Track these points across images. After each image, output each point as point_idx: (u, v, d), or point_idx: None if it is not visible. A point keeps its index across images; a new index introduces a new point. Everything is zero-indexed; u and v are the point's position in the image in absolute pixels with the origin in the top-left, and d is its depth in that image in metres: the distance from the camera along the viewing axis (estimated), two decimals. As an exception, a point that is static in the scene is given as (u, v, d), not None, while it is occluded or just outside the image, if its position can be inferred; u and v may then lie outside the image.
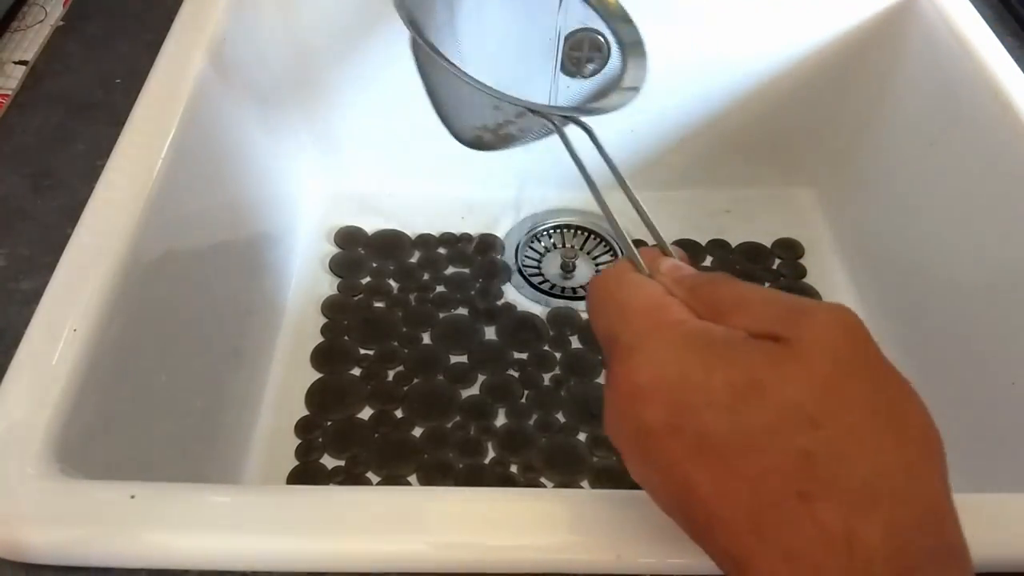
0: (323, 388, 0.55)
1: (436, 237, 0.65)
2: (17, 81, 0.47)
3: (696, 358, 0.23)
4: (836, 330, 0.22)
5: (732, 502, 0.22)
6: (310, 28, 0.58)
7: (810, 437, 0.21)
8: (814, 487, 0.21)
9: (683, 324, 0.24)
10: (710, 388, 0.22)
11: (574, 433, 0.54)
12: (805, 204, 0.69)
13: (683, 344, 0.23)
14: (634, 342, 0.24)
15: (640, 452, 0.24)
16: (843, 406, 0.21)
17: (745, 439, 0.21)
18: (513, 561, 0.29)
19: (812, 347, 0.22)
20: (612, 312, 0.26)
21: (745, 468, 0.21)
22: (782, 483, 0.21)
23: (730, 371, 0.22)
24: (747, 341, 0.23)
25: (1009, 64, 0.49)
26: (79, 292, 0.35)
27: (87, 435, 0.33)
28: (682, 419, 0.22)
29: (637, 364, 0.24)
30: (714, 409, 0.22)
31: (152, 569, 0.29)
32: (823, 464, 0.21)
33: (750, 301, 0.24)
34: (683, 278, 0.27)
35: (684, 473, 0.22)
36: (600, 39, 0.54)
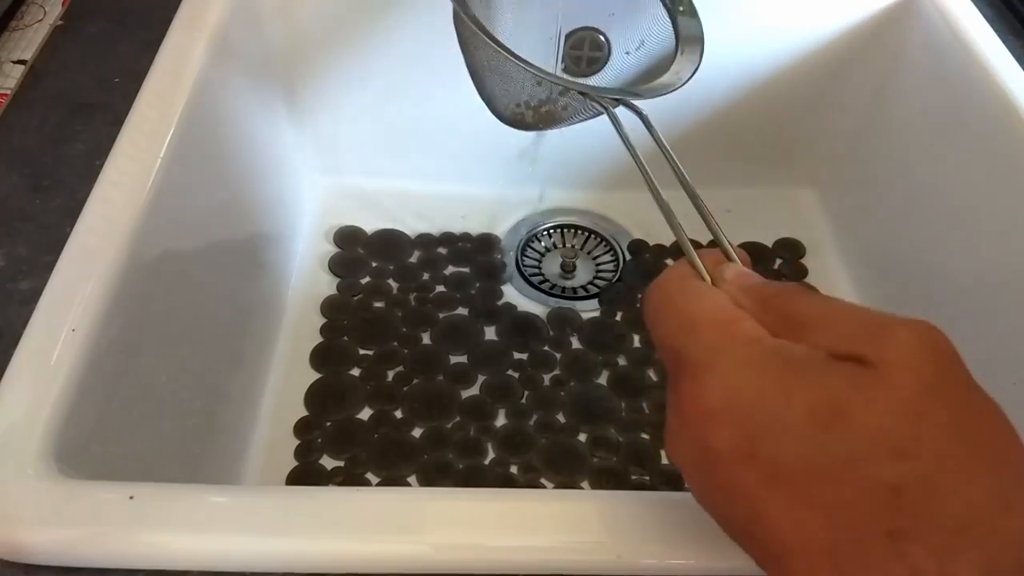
0: (323, 388, 0.55)
1: (436, 237, 0.65)
2: (16, 81, 0.47)
3: (773, 380, 0.21)
4: (922, 350, 0.21)
5: (809, 536, 0.20)
6: (309, 28, 0.58)
7: (898, 468, 0.19)
8: (903, 524, 0.19)
9: (758, 342, 0.23)
10: (788, 413, 0.21)
11: (574, 433, 0.54)
12: (806, 204, 0.69)
13: (759, 364, 0.22)
14: (703, 359, 0.23)
15: (706, 478, 0.23)
16: (932, 434, 0.20)
17: (826, 469, 0.20)
18: (513, 561, 0.29)
19: (896, 369, 0.20)
20: (674, 323, 0.24)
21: (826, 499, 0.20)
22: (868, 518, 0.20)
23: (810, 395, 0.21)
24: (828, 362, 0.21)
25: (1009, 64, 0.49)
26: (78, 292, 0.35)
27: (86, 435, 0.33)
28: (756, 446, 0.21)
29: (708, 384, 0.22)
30: (792, 436, 0.21)
31: (152, 570, 0.29)
32: (913, 499, 0.19)
33: (828, 317, 0.23)
34: (751, 287, 0.25)
35: (755, 503, 0.21)
36: (600, 38, 0.54)
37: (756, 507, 0.21)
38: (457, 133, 0.65)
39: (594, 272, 0.64)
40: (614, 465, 0.52)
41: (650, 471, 0.52)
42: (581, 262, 0.65)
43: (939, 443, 0.20)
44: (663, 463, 0.52)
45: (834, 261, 0.64)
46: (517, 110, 0.42)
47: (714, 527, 0.29)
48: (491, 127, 0.67)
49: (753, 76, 0.62)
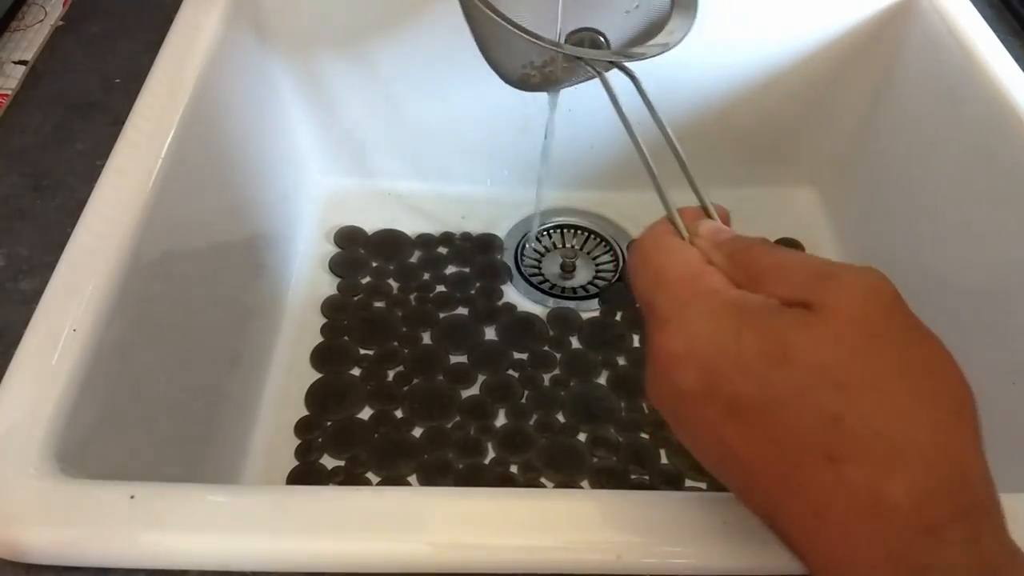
0: (323, 388, 0.55)
1: (436, 237, 0.65)
2: (17, 81, 0.47)
3: (729, 327, 0.24)
4: (862, 293, 0.23)
5: (765, 462, 0.23)
6: (310, 28, 0.58)
7: (837, 400, 0.21)
8: (842, 448, 0.21)
9: (718, 294, 0.25)
10: (740, 354, 0.23)
11: (574, 433, 0.54)
12: (805, 204, 0.69)
13: (718, 314, 0.24)
14: (670, 311, 0.25)
15: (679, 416, 0.25)
16: (870, 369, 0.22)
17: (774, 403, 0.22)
18: (513, 561, 0.29)
19: (839, 311, 0.22)
20: (649, 278, 0.27)
21: (775, 430, 0.22)
22: (811, 444, 0.22)
23: (760, 338, 0.23)
24: (779, 309, 0.24)
25: (1009, 64, 0.49)
26: (79, 292, 0.35)
27: (87, 435, 0.33)
28: (714, 385, 0.23)
29: (672, 333, 0.25)
30: (744, 374, 0.23)
31: (152, 569, 0.29)
32: (851, 426, 0.21)
33: (784, 267, 0.25)
34: (722, 243, 0.27)
35: (720, 435, 0.24)
36: (600, 39, 0.54)
37: (722, 439, 0.24)
38: (457, 133, 0.65)
39: (594, 272, 0.64)
40: (614, 465, 0.52)
41: (650, 471, 0.52)
42: (581, 262, 0.65)
43: (877, 377, 0.22)
44: (663, 463, 0.53)
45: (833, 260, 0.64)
46: (524, 71, 0.43)
47: (713, 527, 0.29)
48: (491, 127, 0.67)
49: (753, 76, 0.62)
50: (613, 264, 0.64)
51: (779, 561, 0.29)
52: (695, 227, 0.29)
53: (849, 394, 0.21)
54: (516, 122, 0.64)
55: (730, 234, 0.28)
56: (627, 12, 0.47)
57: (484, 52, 0.44)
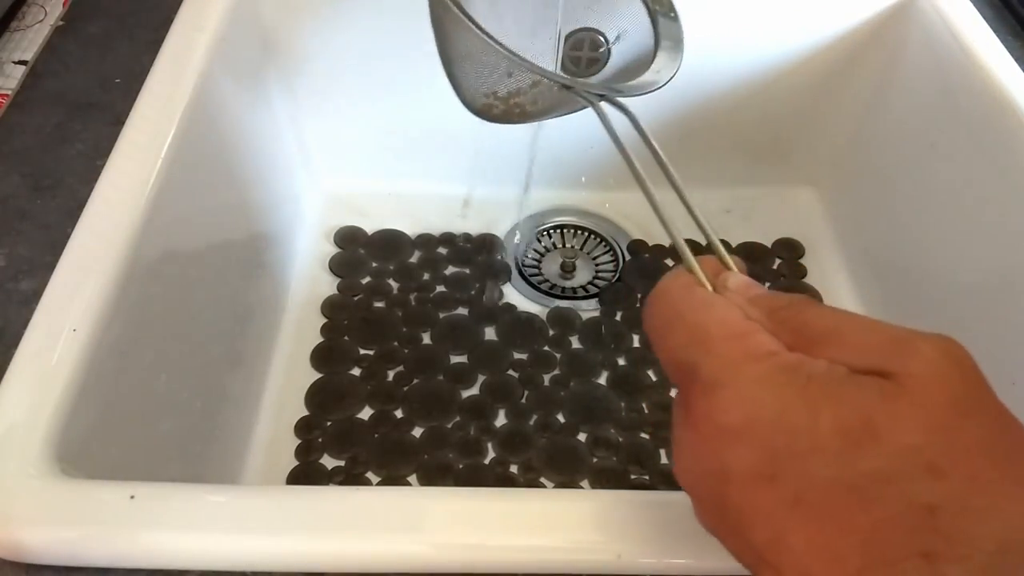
0: (323, 388, 0.55)
1: (436, 237, 0.65)
2: (17, 81, 0.47)
3: (795, 396, 0.20)
4: (948, 364, 0.20)
5: (836, 559, 0.19)
6: (310, 28, 0.58)
7: (932, 487, 0.18)
8: (940, 545, 0.18)
9: (776, 356, 0.21)
10: (816, 431, 0.20)
11: (574, 433, 0.54)
12: (805, 204, 0.69)
13: (779, 379, 0.21)
14: (719, 375, 0.21)
15: (719, 500, 0.21)
16: (965, 451, 0.19)
17: (856, 488, 0.19)
18: (513, 561, 0.29)
19: (925, 384, 0.19)
20: (684, 336, 0.23)
21: (856, 521, 0.19)
22: (902, 540, 0.18)
23: (838, 411, 0.20)
24: (851, 377, 0.20)
25: (1009, 64, 0.49)
26: (79, 292, 0.35)
27: (87, 435, 0.33)
28: (780, 466, 0.20)
29: (725, 401, 0.21)
30: (820, 454, 0.19)
31: (152, 569, 0.29)
32: (949, 519, 0.18)
33: (844, 330, 0.22)
34: (757, 298, 0.24)
35: (775, 527, 0.20)
36: (600, 39, 0.54)
37: (776, 532, 0.20)
38: (458, 134, 0.65)
39: (594, 272, 0.64)
40: (614, 465, 0.52)
41: (650, 471, 0.52)
42: (581, 262, 0.65)
43: (972, 460, 0.19)
44: (663, 463, 0.53)
45: (833, 261, 0.64)
46: (486, 100, 0.40)
47: (713, 527, 0.29)
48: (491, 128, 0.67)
49: (753, 76, 0.62)
50: (613, 264, 0.64)
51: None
52: (722, 280, 0.25)
53: (945, 481, 0.18)
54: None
55: (764, 290, 0.24)
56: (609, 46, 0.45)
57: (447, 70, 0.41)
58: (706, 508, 0.22)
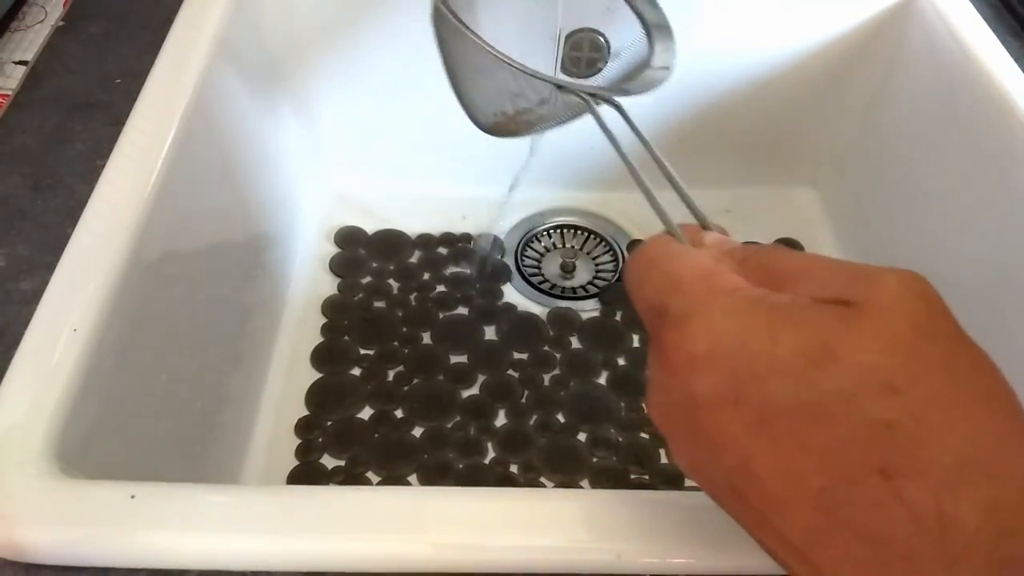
0: (323, 388, 0.55)
1: (436, 237, 0.65)
2: (17, 81, 0.47)
3: (759, 323, 0.21)
4: (910, 293, 0.20)
5: (798, 480, 0.19)
6: (310, 28, 0.58)
7: (891, 405, 0.19)
8: (898, 461, 0.18)
9: (741, 289, 0.22)
10: (775, 354, 0.20)
11: (574, 433, 0.54)
12: (805, 204, 0.69)
13: (744, 309, 0.21)
14: (688, 309, 0.22)
15: (690, 430, 0.22)
16: (924, 371, 0.19)
17: (816, 408, 0.19)
18: (513, 561, 0.29)
19: (885, 310, 0.20)
20: (658, 281, 0.24)
21: (816, 440, 0.19)
22: (860, 457, 0.19)
23: (798, 335, 0.20)
24: (814, 305, 0.21)
25: (1009, 64, 0.49)
26: (79, 292, 0.35)
27: (87, 435, 0.33)
28: (743, 389, 0.20)
29: (692, 331, 0.22)
30: (781, 376, 0.20)
31: (152, 569, 0.29)
32: (907, 435, 0.18)
33: (811, 268, 0.22)
34: (731, 250, 0.25)
35: (741, 450, 0.20)
36: (600, 39, 0.54)
37: (742, 455, 0.20)
38: (458, 133, 0.65)
39: (594, 272, 0.64)
40: (614, 465, 0.52)
41: (650, 471, 0.52)
42: (581, 262, 0.65)
43: (931, 380, 0.19)
44: (663, 463, 0.53)
45: (834, 261, 0.64)
46: (496, 119, 0.41)
47: (714, 527, 0.29)
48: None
49: (753, 76, 0.62)
50: (613, 264, 0.64)
51: (779, 561, 0.29)
52: (699, 238, 0.26)
53: (903, 399, 0.19)
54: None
55: (737, 243, 0.26)
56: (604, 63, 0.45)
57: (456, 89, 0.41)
58: (680, 442, 0.23)
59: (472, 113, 0.41)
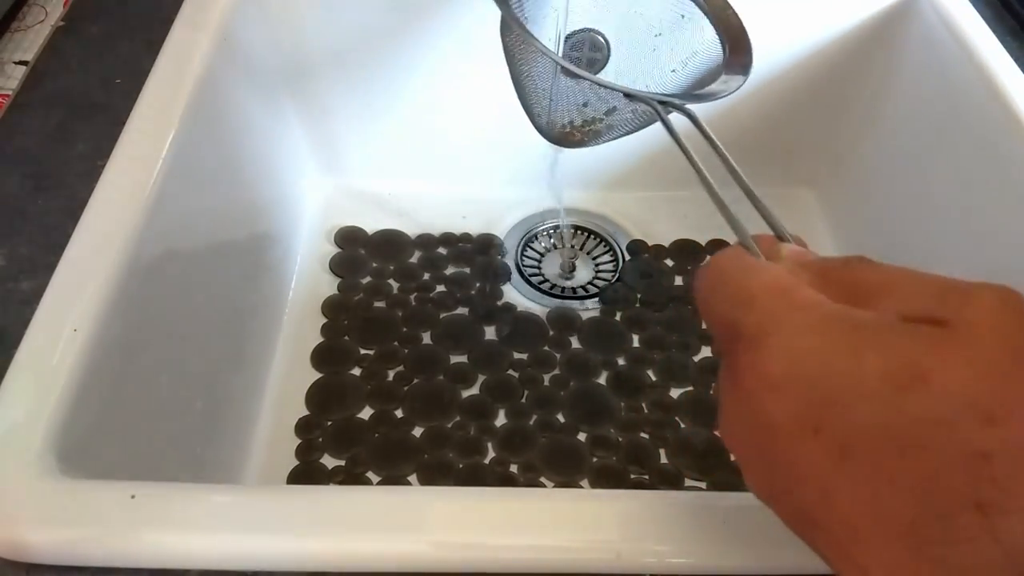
0: (323, 388, 0.55)
1: (436, 237, 0.65)
2: (17, 81, 0.47)
3: (840, 343, 0.19)
4: (1005, 311, 0.19)
5: (884, 514, 0.18)
6: (310, 28, 0.58)
7: (987, 435, 0.17)
8: (995, 496, 0.17)
9: (821, 305, 0.21)
10: (860, 377, 0.19)
11: (574, 433, 0.54)
12: (805, 204, 0.69)
13: (824, 327, 0.20)
14: (763, 327, 0.21)
15: (766, 457, 0.21)
16: (1021, 399, 0.18)
17: (905, 437, 0.18)
18: (513, 561, 0.29)
19: (980, 330, 0.18)
20: (729, 297, 0.22)
21: (905, 472, 0.18)
22: (954, 490, 0.17)
23: (885, 357, 0.18)
24: (902, 324, 0.19)
25: (1009, 64, 0.49)
26: (79, 292, 0.35)
27: (88, 435, 0.33)
28: (825, 415, 0.19)
29: (768, 352, 0.20)
30: (866, 401, 0.18)
31: (152, 569, 0.29)
32: (1005, 468, 0.17)
33: (897, 282, 0.21)
34: (809, 263, 0.23)
35: (823, 482, 0.19)
36: (600, 39, 0.54)
37: (823, 486, 0.19)
38: (458, 133, 0.65)
39: (594, 272, 0.64)
40: (614, 464, 0.52)
41: (649, 470, 0.52)
42: (581, 262, 0.65)
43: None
44: (663, 463, 0.53)
45: (834, 261, 0.64)
46: (563, 130, 0.41)
47: (714, 527, 0.29)
48: (492, 127, 0.67)
49: (753, 76, 0.62)
50: (613, 264, 0.64)
51: (778, 561, 0.29)
52: (776, 250, 0.24)
53: (1000, 429, 0.17)
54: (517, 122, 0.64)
55: (816, 256, 0.24)
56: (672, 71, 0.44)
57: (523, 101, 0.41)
58: (755, 470, 0.21)
59: (539, 124, 0.41)
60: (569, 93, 0.38)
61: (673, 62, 0.45)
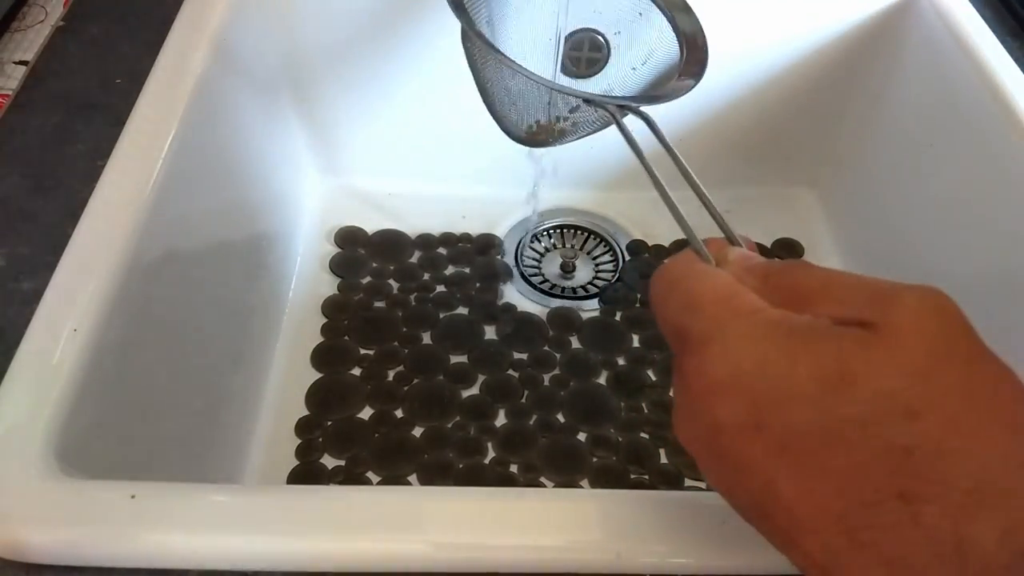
0: (323, 388, 0.55)
1: (436, 237, 0.65)
2: (17, 81, 0.47)
3: (777, 348, 0.21)
4: (928, 314, 0.20)
5: (820, 504, 0.20)
6: (310, 28, 0.58)
7: (908, 430, 0.19)
8: (916, 485, 0.19)
9: (760, 312, 0.22)
10: (794, 379, 0.20)
11: (574, 433, 0.54)
12: (805, 204, 0.69)
13: (762, 333, 0.21)
14: (706, 334, 0.22)
15: (715, 454, 0.22)
16: (942, 395, 0.19)
17: (835, 433, 0.20)
18: (513, 561, 0.29)
19: (903, 332, 0.20)
20: (679, 303, 0.24)
21: (835, 465, 0.20)
22: (879, 481, 0.19)
23: (816, 360, 0.20)
24: (832, 328, 0.21)
25: (1009, 64, 0.49)
26: (79, 292, 0.35)
27: (87, 435, 0.33)
28: (763, 414, 0.21)
29: (712, 357, 0.22)
30: (799, 402, 0.20)
31: (152, 569, 0.29)
32: (925, 460, 0.19)
33: (831, 286, 0.22)
34: (754, 267, 0.25)
35: (765, 474, 0.21)
36: (600, 39, 0.54)
37: (766, 480, 0.21)
38: (457, 134, 0.65)
39: (594, 272, 0.64)
40: (614, 464, 0.52)
41: (649, 470, 0.52)
42: (581, 262, 0.65)
43: (949, 404, 0.19)
44: (663, 463, 0.53)
45: (832, 262, 0.64)
46: (530, 130, 0.41)
47: (714, 527, 0.29)
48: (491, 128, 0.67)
49: (752, 76, 0.62)
50: (613, 264, 0.64)
51: (778, 561, 0.29)
52: (723, 255, 0.26)
53: (920, 424, 0.19)
54: (516, 122, 0.64)
55: (761, 259, 0.25)
56: (633, 69, 0.45)
57: (489, 105, 0.42)
58: (707, 465, 0.23)
59: (505, 126, 0.42)
60: (531, 94, 0.38)
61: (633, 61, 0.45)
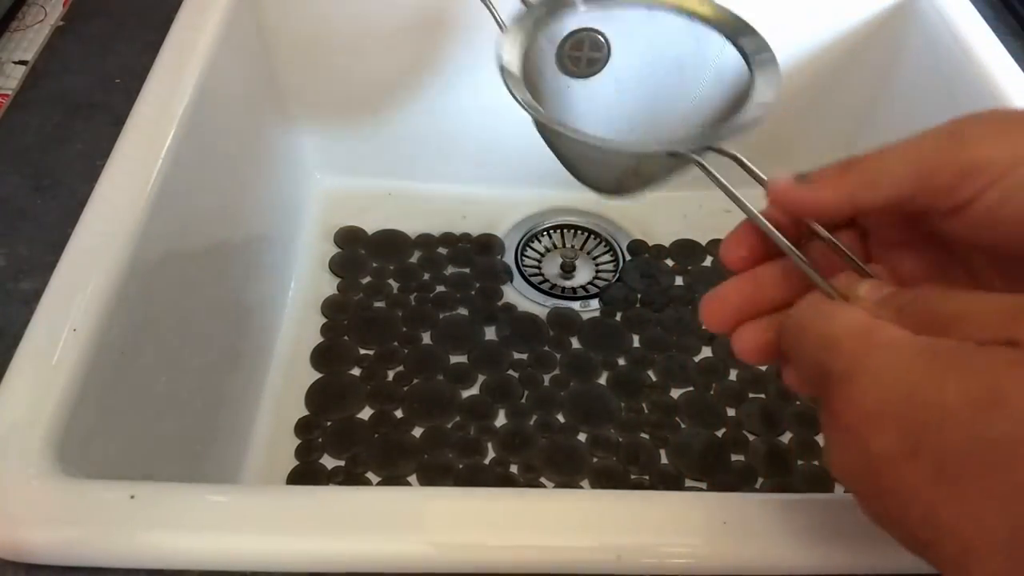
0: (323, 388, 0.55)
1: (436, 237, 0.65)
2: (17, 81, 0.47)
3: (924, 373, 0.21)
4: None
5: (985, 526, 0.19)
6: (311, 28, 0.58)
7: None
8: None
9: (901, 340, 0.22)
10: (944, 403, 0.20)
11: (574, 433, 0.54)
12: (805, 204, 0.69)
13: (907, 361, 0.21)
14: (850, 369, 0.22)
15: (873, 486, 0.22)
16: None
17: (991, 455, 0.19)
18: (513, 561, 0.29)
19: None
20: (813, 345, 0.24)
21: (995, 487, 0.19)
22: None
23: (964, 382, 0.20)
24: (977, 349, 0.20)
25: (1009, 64, 0.49)
26: (79, 292, 0.35)
27: (87, 435, 0.33)
28: (917, 441, 0.20)
29: (859, 390, 0.22)
30: (952, 425, 0.20)
31: (152, 569, 0.29)
32: None
33: (971, 307, 0.22)
34: (886, 298, 0.24)
35: (926, 501, 0.20)
36: (600, 39, 0.54)
37: (927, 507, 0.20)
38: (457, 134, 0.65)
39: (594, 272, 0.64)
40: (614, 465, 0.52)
41: (649, 471, 0.52)
42: (581, 262, 0.65)
43: None
44: (663, 463, 0.53)
45: (834, 261, 0.64)
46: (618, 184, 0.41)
47: (714, 527, 0.29)
48: (491, 128, 0.67)
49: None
50: (613, 264, 0.64)
51: (778, 561, 0.29)
52: (852, 289, 0.26)
53: None
54: (516, 122, 0.64)
55: (892, 289, 0.25)
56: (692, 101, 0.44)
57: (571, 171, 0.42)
58: (866, 500, 0.23)
59: (595, 187, 0.42)
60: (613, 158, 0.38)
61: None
